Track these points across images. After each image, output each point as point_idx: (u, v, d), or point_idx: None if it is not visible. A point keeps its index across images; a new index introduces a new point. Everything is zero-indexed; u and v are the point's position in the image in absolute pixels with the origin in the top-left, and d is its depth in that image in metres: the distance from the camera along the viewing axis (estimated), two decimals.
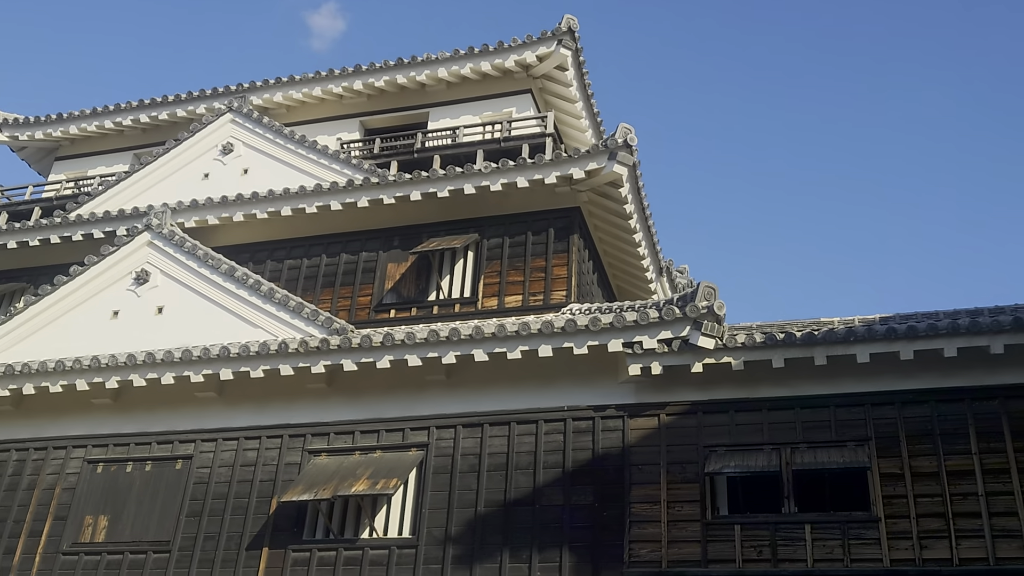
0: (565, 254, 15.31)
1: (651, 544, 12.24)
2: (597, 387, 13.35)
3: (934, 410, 12.15)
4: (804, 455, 12.27)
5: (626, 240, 16.59)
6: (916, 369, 12.22)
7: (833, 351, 12.25)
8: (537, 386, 13.56)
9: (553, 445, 13.15)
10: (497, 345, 13.20)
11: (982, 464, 11.69)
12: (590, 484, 12.77)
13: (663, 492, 12.50)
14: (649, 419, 13.04)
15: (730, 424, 12.75)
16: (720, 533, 12.14)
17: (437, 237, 16.09)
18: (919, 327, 11.94)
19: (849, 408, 12.44)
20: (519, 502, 12.91)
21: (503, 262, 15.60)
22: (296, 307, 15.09)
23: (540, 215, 15.77)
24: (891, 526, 11.63)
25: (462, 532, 12.91)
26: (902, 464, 11.93)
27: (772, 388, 12.72)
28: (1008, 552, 11.16)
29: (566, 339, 12.94)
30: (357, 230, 16.75)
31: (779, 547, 11.85)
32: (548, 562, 12.42)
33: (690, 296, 12.71)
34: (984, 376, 12.07)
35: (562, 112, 18.81)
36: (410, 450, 13.73)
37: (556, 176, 15.15)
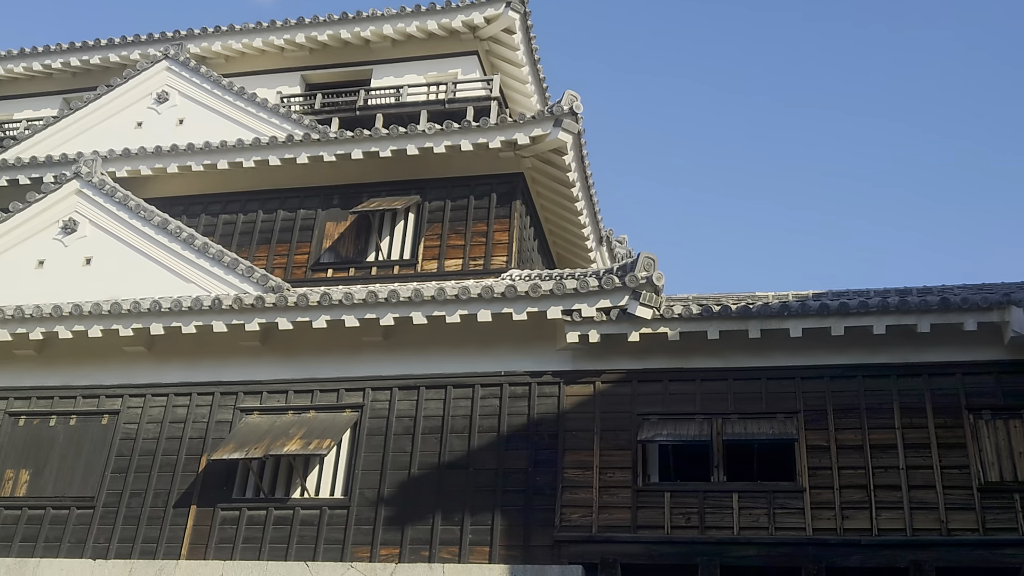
0: (507, 219, 15.26)
1: (582, 509, 12.40)
2: (534, 353, 13.40)
3: (861, 385, 12.49)
4: (735, 425, 12.52)
5: (568, 208, 16.61)
6: (846, 345, 12.53)
7: (767, 325, 12.48)
8: (474, 350, 13.55)
9: (489, 410, 13.19)
10: (436, 308, 13.14)
11: (904, 439, 12.07)
12: (524, 449, 12.86)
13: (596, 458, 12.65)
14: (585, 386, 13.15)
15: (664, 393, 12.93)
16: (650, 500, 12.35)
17: (378, 197, 15.89)
18: (850, 304, 12.22)
19: (780, 381, 12.71)
20: (453, 465, 12.94)
21: (444, 225, 15.49)
22: (231, 263, 14.79)
23: (483, 179, 15.67)
24: (815, 496, 11.96)
25: (395, 494, 12.91)
26: (828, 437, 12.25)
27: (706, 359, 12.92)
28: (924, 524, 11.58)
29: (505, 305, 12.94)
30: (296, 187, 16.45)
31: (707, 514, 12.11)
32: (480, 525, 12.50)
33: (630, 266, 12.79)
34: (910, 354, 12.43)
35: (508, 76, 18.66)
36: (344, 411, 13.63)
37: (500, 141, 15.05)
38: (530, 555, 12.21)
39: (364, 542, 12.69)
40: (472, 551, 12.37)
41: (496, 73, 18.19)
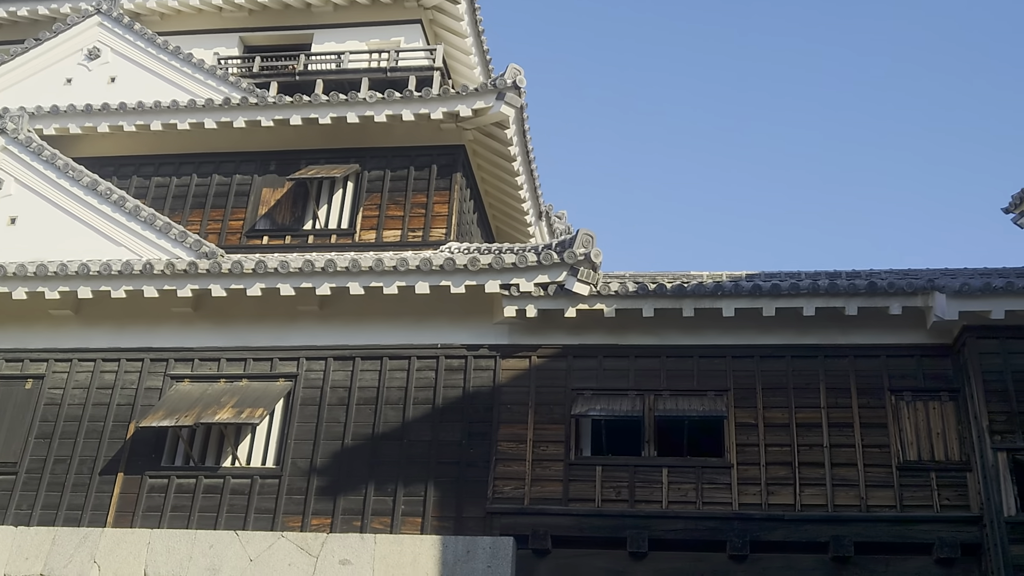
0: (447, 192, 15.20)
1: (515, 482, 12.53)
2: (471, 326, 13.42)
3: (789, 365, 12.80)
4: (666, 402, 12.75)
5: (508, 182, 16.61)
6: (776, 325, 12.82)
7: (701, 304, 12.69)
8: (411, 322, 13.53)
9: (424, 382, 13.20)
10: (374, 279, 13.06)
11: (829, 418, 12.42)
12: (459, 421, 12.92)
13: (530, 432, 12.77)
14: (520, 360, 13.24)
15: (598, 369, 13.09)
16: (582, 473, 12.53)
17: (316, 165, 15.67)
18: (782, 286, 12.49)
19: (711, 359, 12.95)
20: (387, 436, 12.95)
21: (383, 195, 15.36)
22: (163, 227, 14.48)
23: (424, 150, 15.56)
24: (742, 472, 12.26)
25: (328, 464, 12.87)
26: (756, 415, 12.55)
27: (640, 336, 13.10)
28: (845, 500, 11.97)
29: (444, 277, 12.92)
30: (231, 151, 16.11)
31: (637, 488, 12.34)
32: (413, 496, 12.54)
33: (568, 242, 12.87)
34: (837, 335, 12.77)
35: (452, 47, 18.52)
36: (278, 380, 13.50)
37: (442, 112, 14.94)
38: (462, 526, 12.30)
39: (295, 512, 12.64)
40: (404, 522, 12.42)
41: (439, 43, 18.03)
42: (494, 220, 18.10)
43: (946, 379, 12.44)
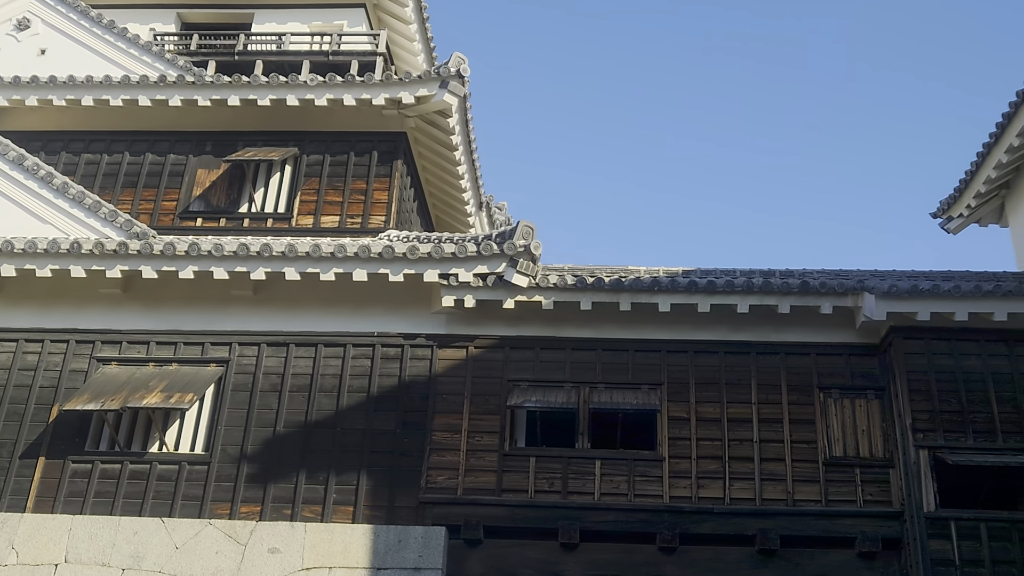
0: (387, 179, 15.05)
1: (449, 472, 12.50)
2: (409, 315, 13.34)
3: (722, 361, 12.99)
4: (601, 395, 12.84)
5: (449, 171, 16.52)
6: (710, 321, 13.00)
7: (638, 299, 12.80)
8: (348, 310, 13.38)
9: (360, 370, 13.08)
10: (310, 265, 12.88)
11: (759, 413, 12.65)
12: (394, 411, 12.83)
13: (465, 422, 12.75)
14: (457, 350, 13.20)
15: (535, 361, 13.12)
16: (516, 464, 12.55)
17: (254, 147, 15.38)
18: (717, 283, 12.66)
19: (646, 353, 13.08)
20: (320, 424, 12.80)
21: (322, 180, 15.14)
22: (93, 206, 14.06)
23: (364, 136, 15.37)
24: (674, 465, 12.42)
25: (258, 451, 12.68)
26: (689, 409, 12.72)
27: (578, 329, 13.17)
28: (773, 494, 12.21)
29: (382, 265, 12.80)
30: (166, 130, 15.71)
31: (570, 480, 12.41)
32: (345, 485, 12.43)
33: (508, 233, 12.86)
34: (769, 333, 13.01)
35: (396, 33, 18.34)
36: (209, 365, 13.24)
37: (385, 98, 14.77)
38: (394, 516, 12.24)
39: (224, 499, 12.43)
40: (336, 511, 12.31)
41: (383, 28, 17.84)
42: (434, 209, 17.99)
43: (873, 378, 12.76)
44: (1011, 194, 15.68)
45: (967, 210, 16.29)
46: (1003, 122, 14.36)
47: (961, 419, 12.12)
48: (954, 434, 12.03)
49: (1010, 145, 14.37)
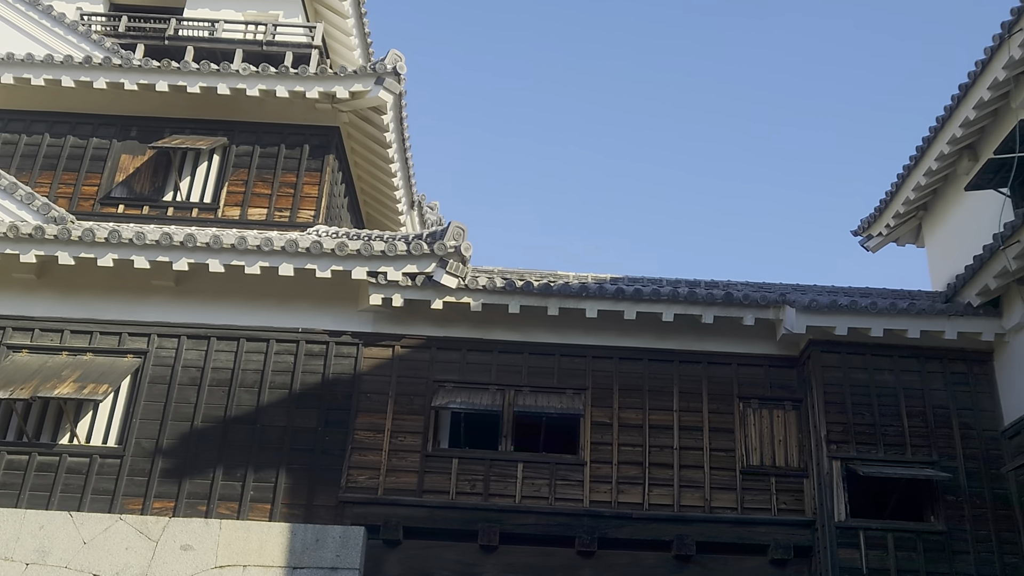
0: (318, 173, 14.85)
1: (370, 471, 12.39)
2: (335, 312, 13.19)
3: (646, 368, 13.14)
4: (526, 398, 12.87)
5: (382, 169, 16.39)
6: (636, 329, 13.14)
7: (565, 304, 12.87)
8: (273, 304, 13.18)
9: (283, 366, 12.89)
10: (236, 257, 12.64)
11: (680, 421, 12.83)
12: (316, 408, 12.67)
13: (388, 422, 12.66)
14: (383, 349, 13.09)
15: (461, 362, 13.09)
16: (438, 465, 12.51)
17: (182, 135, 15.03)
18: (644, 291, 12.81)
19: (572, 358, 13.16)
20: (240, 420, 12.57)
21: (251, 172, 14.86)
22: (8, 187, 13.55)
23: (296, 129, 15.14)
24: (595, 470, 12.52)
25: (175, 445, 12.39)
26: (612, 414, 12.84)
27: (505, 332, 13.18)
28: (691, 501, 12.39)
29: (310, 260, 12.63)
30: (90, 113, 15.25)
31: (492, 482, 12.41)
32: (263, 482, 12.22)
33: (439, 234, 12.81)
34: (693, 342, 13.20)
35: (332, 26, 18.13)
36: (126, 356, 12.89)
37: (319, 92, 14.58)
38: (313, 514, 12.08)
39: (137, 494, 12.12)
40: (253, 508, 12.10)
41: (320, 21, 17.62)
42: (365, 206, 17.83)
43: (791, 389, 13.05)
44: (928, 216, 16.22)
45: (886, 229, 16.80)
46: (923, 146, 14.85)
47: (873, 432, 12.47)
48: (866, 446, 12.37)
49: (928, 168, 14.87)
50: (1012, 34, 12.36)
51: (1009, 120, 13.24)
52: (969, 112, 13.56)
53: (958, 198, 14.99)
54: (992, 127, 13.89)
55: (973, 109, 13.47)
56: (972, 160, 14.38)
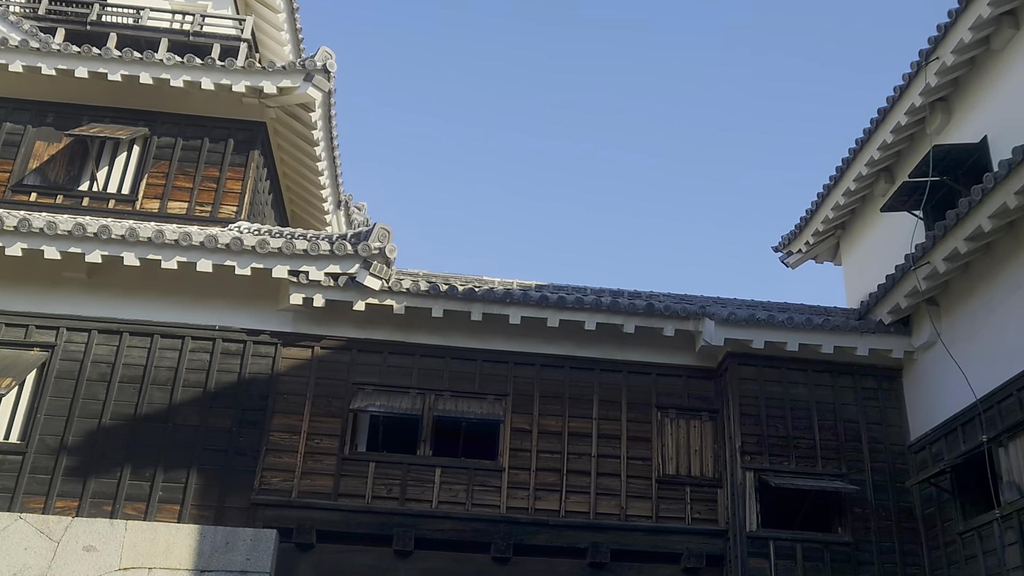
0: (242, 168, 14.56)
1: (284, 473, 12.17)
2: (254, 311, 12.94)
3: (567, 376, 13.19)
4: (447, 403, 12.80)
5: (309, 167, 16.16)
6: (558, 336, 13.19)
7: (489, 309, 12.85)
8: (189, 300, 12.87)
9: (198, 364, 12.58)
10: (152, 251, 12.31)
11: (599, 429, 12.90)
12: (231, 408, 12.40)
13: (305, 423, 12.46)
14: (303, 350, 12.89)
15: (382, 365, 12.96)
16: (355, 469, 12.36)
17: (101, 123, 14.58)
18: (567, 299, 12.86)
19: (494, 364, 13.14)
20: (151, 418, 12.23)
21: (172, 164, 14.50)
22: None
23: (221, 122, 14.83)
24: (513, 476, 12.51)
25: (80, 443, 11.99)
26: (532, 421, 12.85)
27: (428, 335, 13.10)
28: (607, 509, 12.47)
29: (229, 257, 12.37)
30: (4, 96, 14.69)
31: (409, 487, 12.30)
32: (173, 482, 11.91)
33: (364, 235, 12.68)
34: (614, 351, 13.30)
35: (263, 20, 17.84)
36: (32, 349, 12.44)
37: (245, 85, 14.31)
38: (224, 516, 11.81)
39: (39, 492, 11.69)
40: (161, 509, 11.78)
41: (250, 14, 17.32)
42: (290, 204, 17.56)
43: (708, 400, 13.24)
44: (846, 235, 16.65)
45: (805, 247, 17.19)
46: (842, 166, 15.24)
47: (786, 444, 12.72)
48: (779, 458, 12.61)
49: (847, 189, 15.27)
50: (928, 62, 12.78)
51: (924, 145, 13.69)
52: (887, 136, 13.98)
53: (874, 219, 15.42)
54: (908, 151, 14.34)
55: (891, 133, 13.90)
56: (888, 182, 14.82)
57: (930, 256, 11.82)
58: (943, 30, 12.44)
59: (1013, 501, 10.54)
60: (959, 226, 11.14)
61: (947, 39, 12.44)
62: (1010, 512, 10.54)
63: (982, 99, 12.59)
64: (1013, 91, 11.88)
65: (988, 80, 12.49)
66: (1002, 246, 11.24)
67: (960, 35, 12.17)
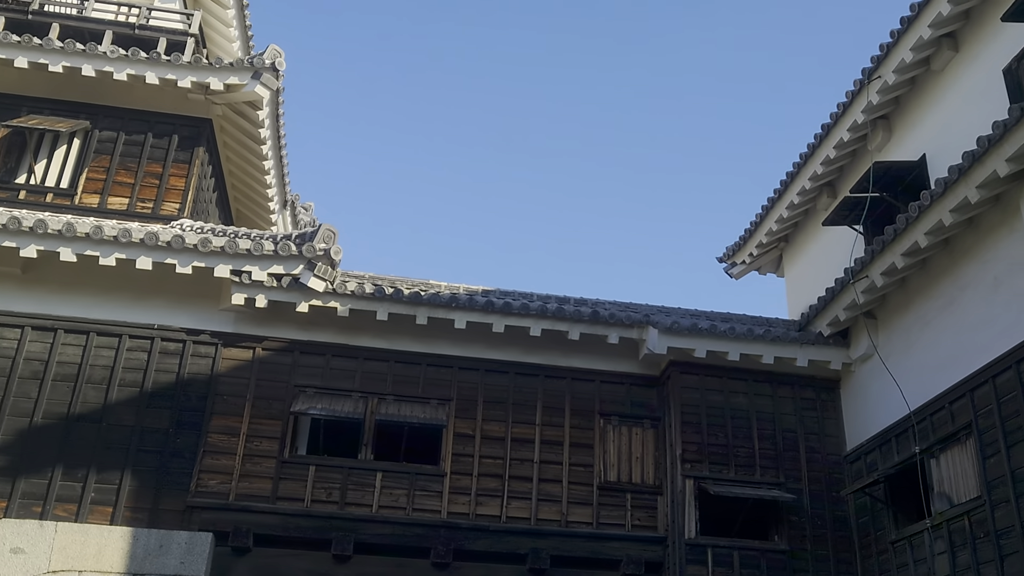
0: (186, 165, 14.32)
1: (222, 476, 11.98)
2: (194, 310, 12.73)
3: (511, 381, 13.19)
4: (390, 407, 12.71)
5: (255, 165, 15.96)
6: (503, 342, 13.18)
7: (435, 313, 12.80)
8: (128, 299, 12.61)
9: (135, 363, 12.33)
10: (90, 247, 12.05)
11: (542, 435, 12.92)
12: (168, 408, 12.17)
13: (244, 425, 12.28)
14: (244, 351, 12.71)
15: (325, 367, 12.84)
16: (294, 472, 12.21)
17: (40, 115, 14.24)
18: (513, 305, 12.87)
19: (439, 368, 13.09)
20: (84, 418, 11.95)
21: (114, 159, 14.20)
22: None
23: (166, 118, 14.58)
24: (455, 481, 12.46)
25: (10, 442, 11.67)
26: (475, 426, 12.82)
27: (372, 339, 13.00)
28: (548, 515, 12.48)
29: (170, 255, 12.15)
30: None
31: (349, 491, 12.19)
32: (107, 484, 11.65)
33: (309, 236, 12.55)
34: (559, 358, 13.34)
35: (211, 15, 17.55)
36: None
37: (191, 81, 14.09)
38: (158, 519, 11.59)
39: None
40: (93, 510, 11.52)
41: (198, 9, 17.05)
42: (235, 203, 17.32)
43: (650, 408, 13.33)
44: (788, 247, 16.93)
45: (749, 258, 17.44)
46: (786, 180, 15.50)
47: (726, 452, 12.86)
48: (718, 466, 12.74)
49: (790, 202, 15.53)
50: (871, 80, 13.06)
51: (865, 161, 13.98)
52: (830, 151, 14.26)
53: (816, 232, 15.70)
54: (850, 167, 14.63)
55: (834, 148, 14.17)
56: (831, 197, 15.11)
57: (868, 270, 12.06)
58: (885, 50, 12.74)
59: (943, 511, 10.78)
60: (896, 241, 11.39)
61: (889, 58, 12.73)
62: (940, 522, 10.78)
63: (922, 118, 12.90)
64: (951, 111, 12.19)
65: (928, 100, 12.81)
66: (937, 262, 11.51)
67: (902, 55, 12.48)
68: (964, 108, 11.87)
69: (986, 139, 9.63)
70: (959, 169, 10.09)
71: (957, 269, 11.14)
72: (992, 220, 10.53)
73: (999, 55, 11.30)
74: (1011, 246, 10.21)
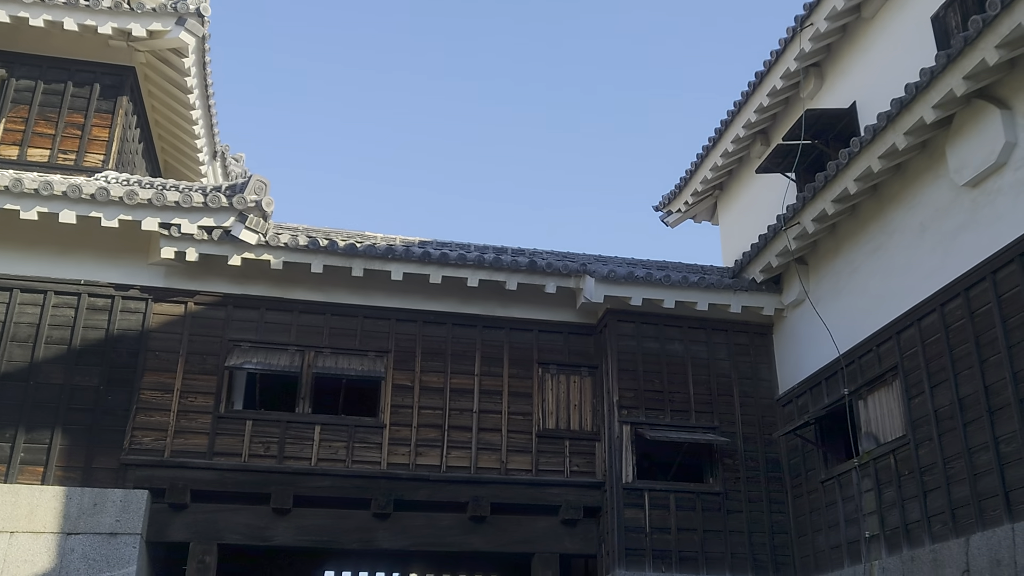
0: (109, 115, 13.84)
1: (156, 432, 11.81)
2: (122, 265, 12.41)
3: (449, 332, 13.19)
4: (327, 359, 12.62)
5: (182, 115, 15.48)
6: (441, 293, 13.14)
7: (371, 265, 12.68)
8: (52, 254, 12.23)
9: (62, 320, 12.01)
10: (10, 201, 11.62)
11: (481, 385, 12.97)
12: (98, 366, 11.91)
13: (178, 381, 12.09)
14: (175, 306, 12.47)
15: (259, 321, 12.67)
16: (231, 427, 12.09)
17: None
18: (450, 256, 12.81)
19: (376, 320, 13.01)
20: (10, 377, 11.63)
21: (32, 109, 13.66)
22: None
23: (86, 66, 14.03)
24: (394, 433, 12.48)
25: None
26: (414, 377, 12.81)
27: (307, 291, 12.85)
28: (488, 463, 12.60)
29: (95, 208, 11.79)
30: None
31: (287, 445, 12.12)
32: (36, 443, 11.40)
33: (240, 187, 12.27)
34: (497, 308, 13.36)
35: None
36: None
37: (112, 27, 13.55)
38: (91, 477, 11.40)
39: None
40: (23, 471, 11.28)
41: None
42: (163, 154, 16.83)
43: (588, 356, 13.46)
44: (723, 195, 17.09)
45: (684, 206, 17.58)
46: (720, 128, 15.59)
47: (662, 398, 13.06)
48: (655, 412, 12.96)
49: (725, 150, 15.65)
50: (803, 28, 13.14)
51: (798, 109, 14.12)
52: (763, 99, 14.36)
53: (750, 180, 15.87)
54: (783, 114, 14.76)
55: (767, 96, 14.27)
56: (764, 144, 15.25)
57: (800, 217, 12.24)
58: None
59: (870, 451, 11.13)
60: (826, 188, 11.56)
61: (821, 5, 12.81)
62: (867, 461, 11.14)
63: (852, 66, 13.04)
64: (881, 58, 12.34)
65: (858, 47, 12.94)
66: (866, 208, 11.73)
67: (833, 2, 12.55)
68: (893, 55, 12.02)
69: (913, 86, 9.78)
70: (887, 116, 10.25)
71: (885, 215, 11.37)
72: (919, 167, 10.74)
73: (927, 2, 11.44)
74: (937, 192, 10.44)
